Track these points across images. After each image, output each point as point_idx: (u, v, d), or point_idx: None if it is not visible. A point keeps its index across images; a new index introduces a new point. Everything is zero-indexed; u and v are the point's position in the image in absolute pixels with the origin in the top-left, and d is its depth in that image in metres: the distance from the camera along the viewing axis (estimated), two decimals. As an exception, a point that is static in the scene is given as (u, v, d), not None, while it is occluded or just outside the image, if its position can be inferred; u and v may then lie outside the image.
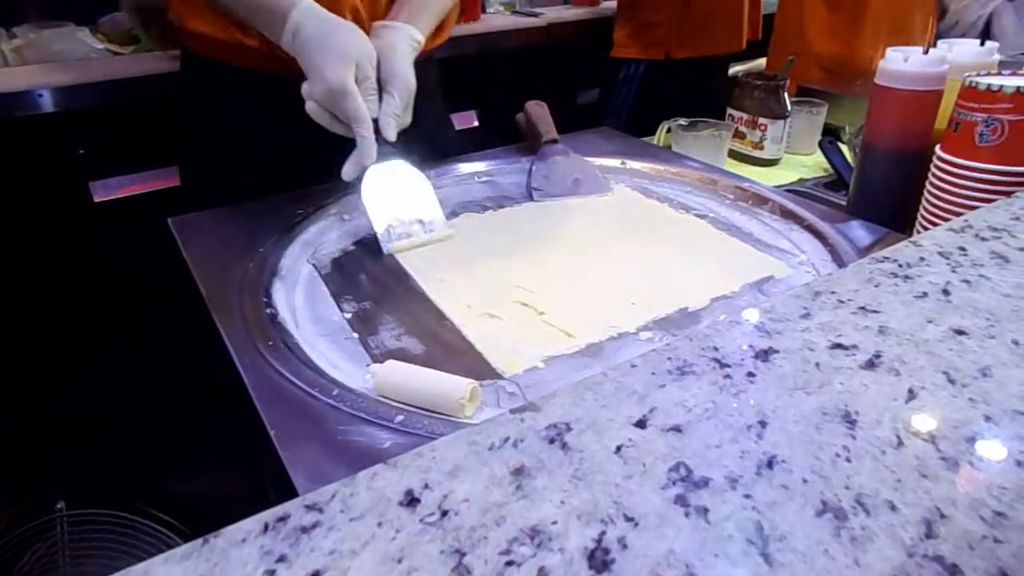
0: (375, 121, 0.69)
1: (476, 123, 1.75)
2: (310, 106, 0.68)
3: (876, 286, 0.36)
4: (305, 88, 0.68)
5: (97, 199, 1.31)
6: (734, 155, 1.06)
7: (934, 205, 0.63)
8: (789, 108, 1.03)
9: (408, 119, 0.73)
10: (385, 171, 0.71)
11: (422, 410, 0.47)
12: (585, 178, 0.84)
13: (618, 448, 0.26)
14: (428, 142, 0.89)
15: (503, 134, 1.00)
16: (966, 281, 0.36)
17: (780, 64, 1.09)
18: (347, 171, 0.69)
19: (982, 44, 0.78)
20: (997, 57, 0.77)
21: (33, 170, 1.25)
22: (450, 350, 0.55)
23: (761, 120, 1.02)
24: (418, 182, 0.73)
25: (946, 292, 0.35)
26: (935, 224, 0.63)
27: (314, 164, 0.78)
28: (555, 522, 0.23)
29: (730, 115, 1.07)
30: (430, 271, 0.67)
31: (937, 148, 0.63)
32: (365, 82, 0.68)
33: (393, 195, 0.71)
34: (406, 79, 0.71)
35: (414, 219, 0.71)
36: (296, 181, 0.83)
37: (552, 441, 0.26)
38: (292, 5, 0.69)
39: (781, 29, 1.48)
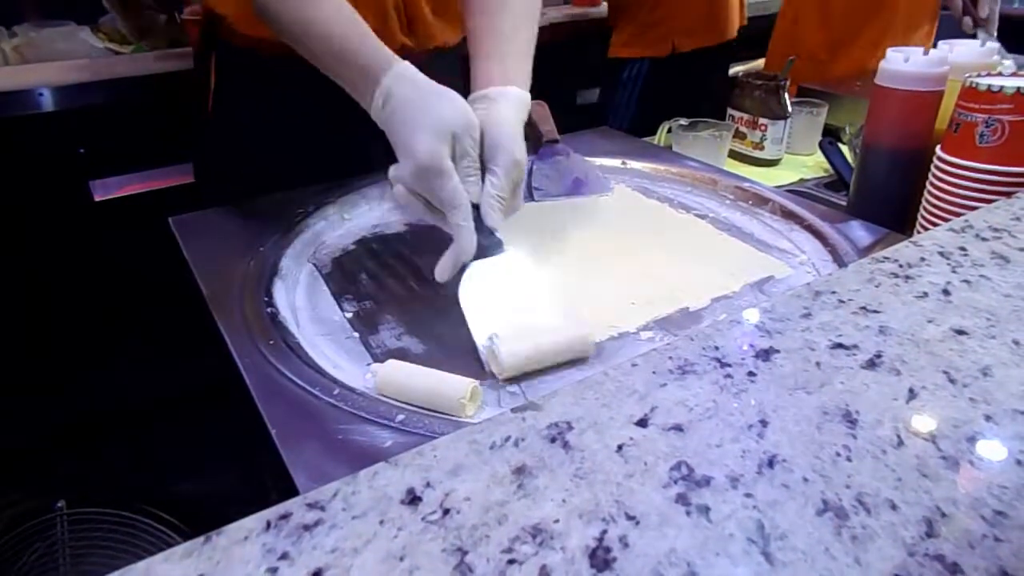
0: (476, 207, 0.56)
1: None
2: (398, 190, 0.57)
3: (877, 286, 0.36)
4: (393, 171, 0.58)
5: (97, 198, 1.31)
6: (734, 155, 1.06)
7: (934, 205, 0.63)
8: (789, 108, 1.03)
9: (519, 204, 0.61)
10: (490, 268, 0.57)
11: (423, 409, 0.47)
12: (587, 178, 0.84)
13: (619, 447, 0.26)
14: None
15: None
16: (966, 281, 0.36)
17: (779, 64, 1.09)
18: (441, 270, 0.57)
19: (982, 45, 0.78)
20: (998, 58, 0.77)
21: (33, 169, 1.25)
22: (451, 349, 0.55)
23: (761, 120, 1.02)
24: (532, 280, 0.58)
25: (946, 292, 0.35)
26: (935, 224, 0.63)
27: (345, 157, 0.78)
28: (556, 521, 0.23)
29: (730, 115, 1.07)
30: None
31: (937, 148, 0.63)
32: (464, 159, 0.56)
33: (499, 298, 0.56)
34: (512, 154, 0.57)
35: (525, 326, 0.53)
36: (324, 174, 0.83)
37: (553, 440, 0.26)
38: (386, 67, 0.59)
39: (781, 29, 1.48)
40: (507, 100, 0.61)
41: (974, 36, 1.17)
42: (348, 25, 0.62)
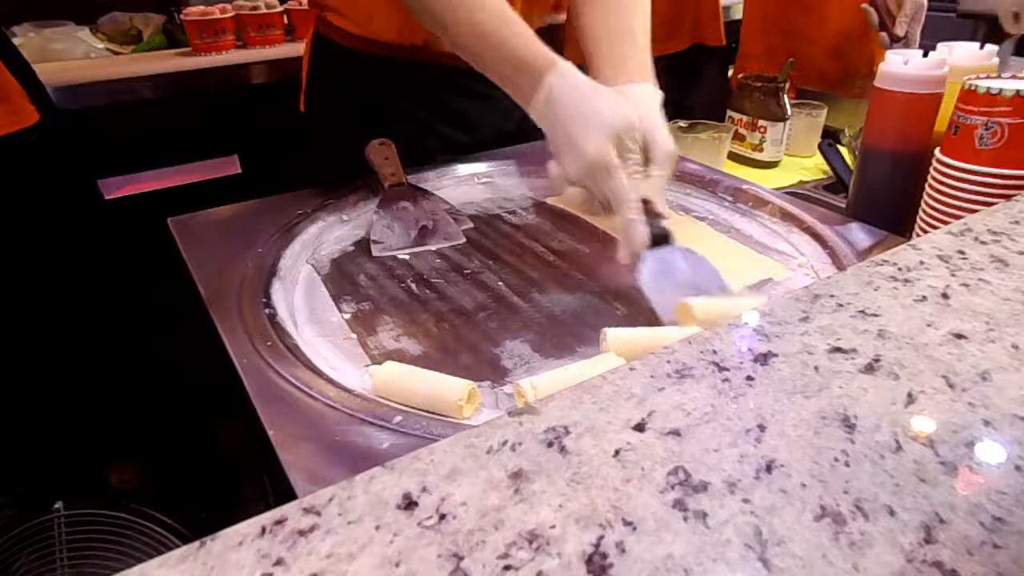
0: (645, 202, 0.60)
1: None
2: (569, 191, 0.61)
3: (875, 289, 0.36)
4: (554, 168, 0.61)
5: (107, 197, 1.31)
6: (733, 157, 1.06)
7: (933, 208, 0.63)
8: (789, 110, 1.03)
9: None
10: (662, 256, 0.59)
11: (420, 411, 0.47)
12: (435, 227, 0.74)
13: (616, 452, 0.26)
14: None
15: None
16: (965, 285, 0.36)
17: (747, 67, 1.09)
18: (621, 256, 0.61)
19: (982, 47, 0.78)
20: (997, 60, 0.77)
21: (33, 169, 1.25)
22: (448, 351, 0.55)
23: (761, 122, 1.02)
24: (700, 263, 0.61)
25: (945, 296, 0.35)
26: (934, 227, 0.63)
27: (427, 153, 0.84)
28: (553, 526, 0.22)
29: (730, 117, 1.07)
30: (430, 274, 0.67)
31: (936, 151, 0.63)
32: (629, 156, 0.60)
33: (677, 282, 0.58)
34: (670, 148, 0.61)
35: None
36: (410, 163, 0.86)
37: (550, 444, 0.26)
38: (549, 66, 0.61)
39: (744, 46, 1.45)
40: (646, 93, 0.65)
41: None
42: (511, 25, 0.64)
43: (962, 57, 0.75)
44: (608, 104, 0.60)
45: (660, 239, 0.59)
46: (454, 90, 0.91)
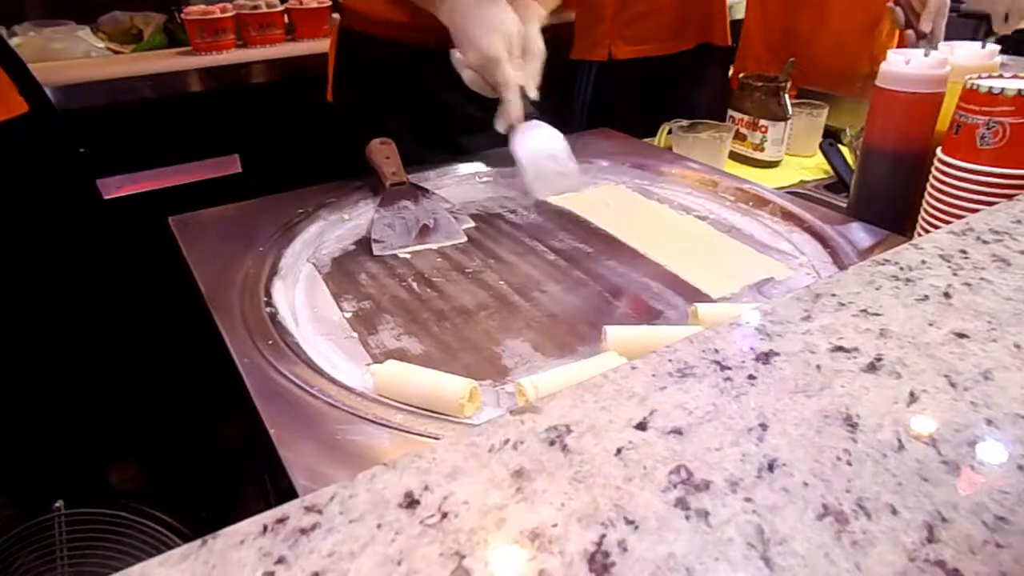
0: (521, 88, 0.80)
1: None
2: (467, 75, 0.80)
3: (877, 288, 0.36)
4: (458, 57, 0.80)
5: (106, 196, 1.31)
6: (735, 157, 1.06)
7: (935, 207, 0.63)
8: (790, 110, 1.02)
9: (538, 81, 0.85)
10: (529, 128, 0.83)
11: (422, 410, 0.47)
12: (436, 225, 0.75)
13: (618, 450, 0.25)
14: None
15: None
16: (967, 284, 0.36)
17: (746, 67, 1.08)
18: (499, 126, 0.83)
19: (983, 47, 0.78)
20: (999, 59, 0.77)
21: (25, 161, 1.25)
22: (450, 350, 0.55)
23: (762, 122, 1.02)
24: (556, 137, 0.85)
25: (947, 295, 0.35)
26: (936, 227, 0.63)
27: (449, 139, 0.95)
28: (555, 525, 0.22)
29: (731, 117, 1.07)
30: (431, 273, 0.67)
31: (938, 150, 0.63)
32: (513, 53, 0.79)
33: (538, 148, 0.83)
34: (541, 49, 0.83)
35: (556, 169, 0.84)
36: (438, 148, 0.95)
37: (552, 443, 0.26)
38: None
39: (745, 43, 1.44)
40: (531, 9, 0.84)
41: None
42: None
43: (964, 56, 0.75)
44: (501, 12, 0.79)
45: (530, 116, 0.83)
46: None
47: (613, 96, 1.33)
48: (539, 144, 0.83)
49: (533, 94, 0.82)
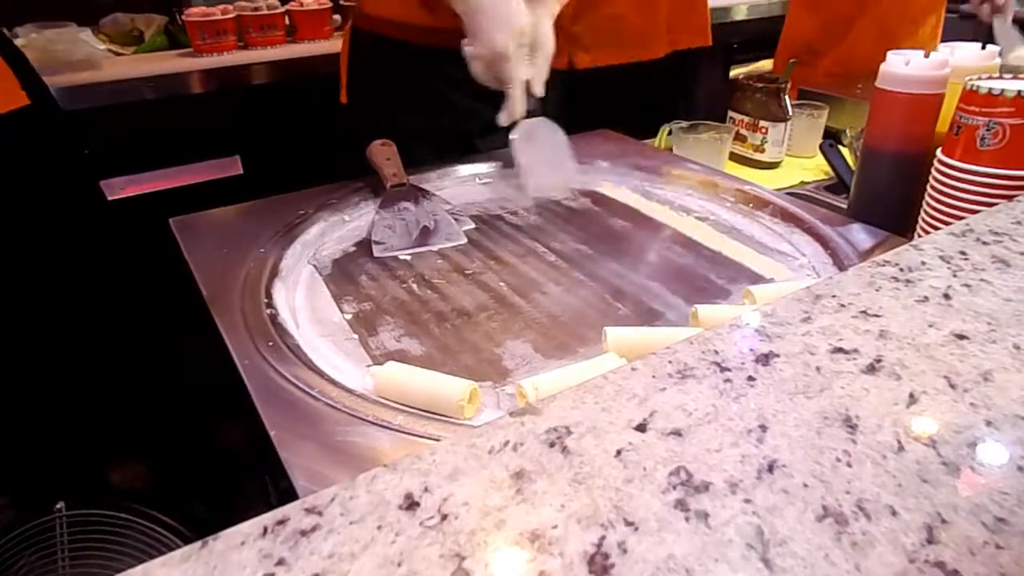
0: (527, 83, 0.80)
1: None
2: (475, 66, 0.79)
3: (877, 290, 0.36)
4: (468, 49, 0.79)
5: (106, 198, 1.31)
6: (735, 158, 1.06)
7: (935, 209, 0.63)
8: (790, 111, 1.02)
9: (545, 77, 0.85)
10: (531, 125, 0.83)
11: (422, 412, 0.47)
12: (436, 227, 0.75)
13: (618, 452, 0.26)
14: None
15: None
16: (967, 285, 0.36)
17: (785, 66, 1.09)
18: (501, 120, 0.81)
19: (983, 47, 0.78)
20: (998, 60, 0.77)
21: (35, 166, 1.25)
22: (450, 352, 0.55)
23: (762, 123, 1.02)
24: (558, 134, 0.85)
25: (947, 296, 0.35)
26: (936, 228, 0.63)
27: (464, 138, 0.94)
28: (555, 526, 0.22)
29: (731, 118, 1.07)
30: (432, 275, 0.67)
31: (938, 151, 0.63)
32: (521, 48, 0.78)
33: (539, 145, 0.83)
34: (550, 47, 0.82)
35: (554, 168, 0.84)
36: (454, 148, 0.95)
37: (552, 445, 0.26)
38: None
39: (789, 32, 1.46)
40: (544, 6, 0.82)
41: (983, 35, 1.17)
42: None
43: (964, 57, 0.75)
44: (513, 5, 0.77)
45: (533, 113, 0.82)
46: None
47: (578, 104, 1.28)
48: (539, 142, 0.83)
49: (539, 91, 0.81)
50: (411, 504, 0.23)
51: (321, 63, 1.48)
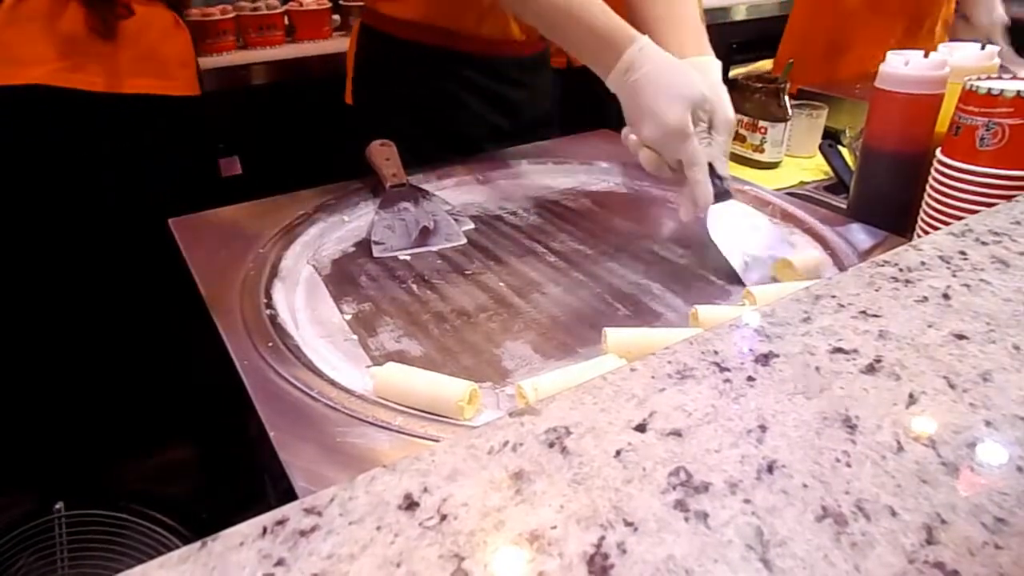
0: (709, 165, 0.67)
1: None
2: (644, 155, 0.67)
3: (876, 290, 0.36)
4: (632, 138, 0.68)
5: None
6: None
7: (935, 209, 0.63)
8: (789, 111, 1.02)
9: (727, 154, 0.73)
10: (723, 210, 0.68)
11: (421, 412, 0.47)
12: (436, 227, 0.74)
13: (617, 452, 0.26)
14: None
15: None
16: (966, 285, 0.36)
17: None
18: (684, 215, 0.69)
19: (982, 48, 0.78)
20: (998, 61, 0.77)
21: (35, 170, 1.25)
22: (449, 352, 0.55)
23: (761, 123, 1.02)
24: (755, 218, 0.72)
25: (946, 296, 0.35)
26: (935, 228, 0.63)
27: (474, 137, 0.91)
28: (554, 527, 0.22)
29: (731, 118, 1.07)
30: (431, 275, 0.67)
31: (938, 152, 0.63)
32: (700, 124, 0.67)
33: (737, 233, 0.68)
34: (731, 117, 0.69)
35: (764, 255, 0.67)
36: (461, 149, 0.92)
37: (551, 445, 0.26)
38: (630, 40, 0.67)
39: (792, 32, 1.46)
40: (712, 67, 0.71)
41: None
42: (592, 3, 0.70)
43: (963, 58, 0.75)
44: (686, 77, 0.66)
45: (722, 196, 0.68)
46: (495, 78, 0.95)
47: (578, 104, 1.29)
48: (737, 226, 0.69)
49: (724, 171, 0.68)
50: (410, 505, 0.23)
51: (320, 63, 1.48)
